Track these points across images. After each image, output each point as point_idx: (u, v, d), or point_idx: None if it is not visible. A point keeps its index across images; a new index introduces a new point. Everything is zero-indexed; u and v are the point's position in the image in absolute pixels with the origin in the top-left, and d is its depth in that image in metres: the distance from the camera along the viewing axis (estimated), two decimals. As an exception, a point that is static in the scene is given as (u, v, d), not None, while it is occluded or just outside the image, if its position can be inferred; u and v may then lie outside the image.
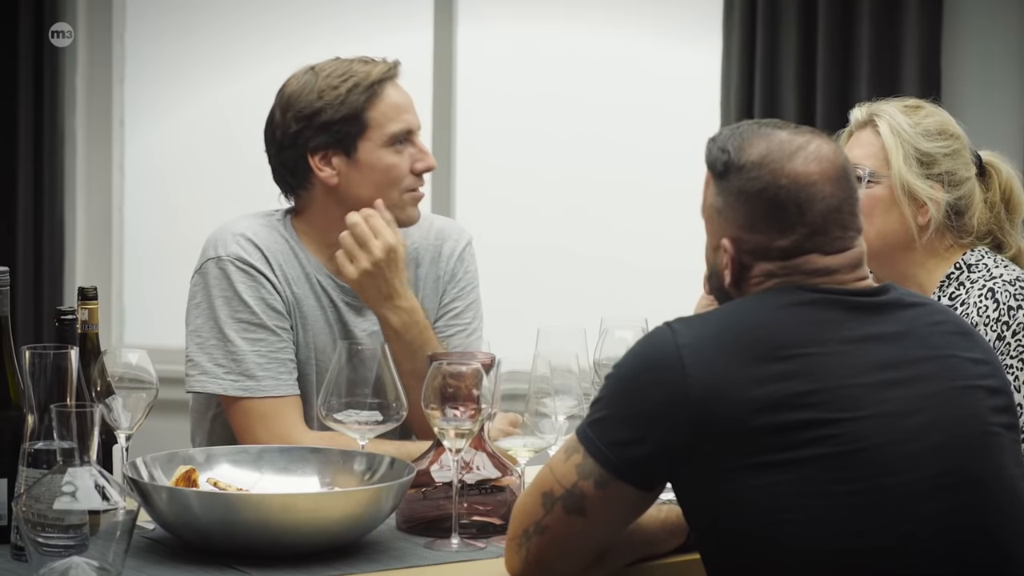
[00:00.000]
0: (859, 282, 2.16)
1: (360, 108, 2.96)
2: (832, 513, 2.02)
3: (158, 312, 5.49)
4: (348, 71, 2.97)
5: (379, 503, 2.37)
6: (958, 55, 4.72)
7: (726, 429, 2.03)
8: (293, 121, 2.96)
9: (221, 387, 2.91)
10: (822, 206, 2.13)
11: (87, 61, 5.48)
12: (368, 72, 2.97)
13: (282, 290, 2.96)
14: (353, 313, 3.03)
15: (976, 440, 2.11)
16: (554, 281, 5.27)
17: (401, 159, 2.98)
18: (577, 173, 5.26)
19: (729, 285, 2.18)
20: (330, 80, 2.96)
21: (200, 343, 2.93)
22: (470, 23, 5.28)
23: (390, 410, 2.57)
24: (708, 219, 2.21)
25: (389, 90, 2.98)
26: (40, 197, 5.37)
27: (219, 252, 2.95)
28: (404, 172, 2.99)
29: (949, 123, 2.80)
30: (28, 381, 2.18)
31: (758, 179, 2.13)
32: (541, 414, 2.49)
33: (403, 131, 2.98)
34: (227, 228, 2.99)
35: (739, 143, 2.16)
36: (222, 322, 2.91)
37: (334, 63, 3.00)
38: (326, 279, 3.01)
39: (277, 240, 2.99)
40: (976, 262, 2.76)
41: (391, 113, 2.97)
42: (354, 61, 3.00)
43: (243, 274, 2.93)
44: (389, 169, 2.97)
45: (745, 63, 4.77)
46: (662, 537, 2.29)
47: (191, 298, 2.97)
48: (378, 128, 2.97)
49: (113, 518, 2.01)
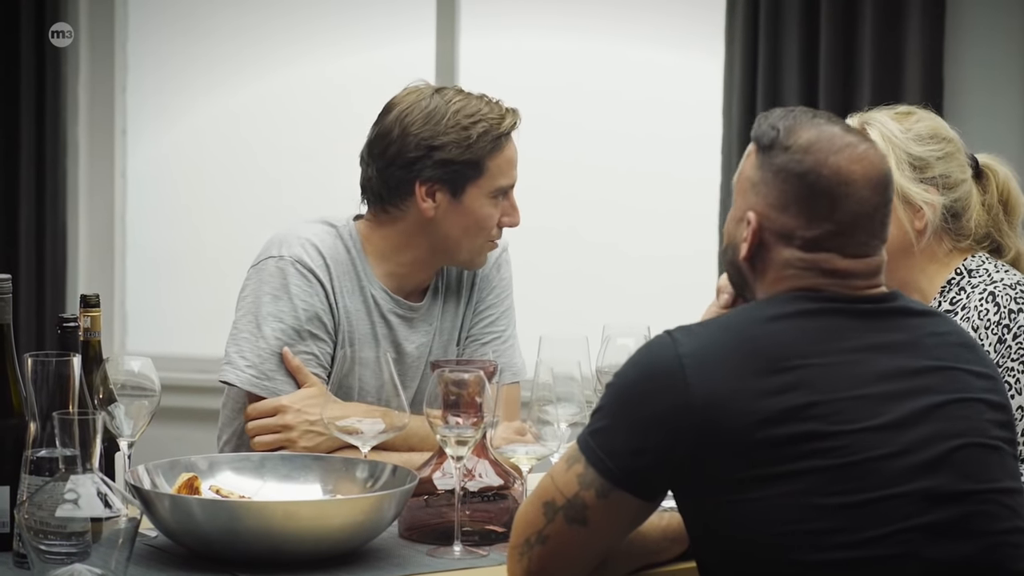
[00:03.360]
0: (870, 290, 2.16)
1: (483, 156, 2.98)
2: (833, 524, 2.02)
3: (161, 320, 5.50)
4: (478, 114, 2.99)
5: (381, 511, 2.37)
6: (960, 61, 4.71)
7: (728, 440, 2.02)
8: (414, 146, 2.96)
9: (239, 379, 2.92)
10: (855, 207, 2.13)
11: (89, 70, 5.49)
12: (499, 121, 3.00)
13: (334, 300, 2.97)
14: (405, 325, 3.04)
15: (975, 453, 2.10)
16: (557, 290, 5.27)
17: (495, 211, 3.02)
18: (581, 180, 5.25)
19: (744, 258, 2.17)
20: (459, 118, 2.98)
21: (235, 335, 2.95)
22: (473, 30, 5.28)
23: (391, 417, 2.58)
24: (740, 191, 2.20)
25: (511, 143, 3.03)
26: (42, 205, 5.37)
27: (282, 252, 2.97)
28: (494, 223, 3.03)
29: (941, 127, 2.79)
30: (30, 388, 2.18)
31: (802, 162, 2.13)
32: (543, 421, 2.49)
33: (509, 186, 3.03)
34: (293, 230, 3.01)
35: (791, 124, 2.16)
36: (262, 317, 2.92)
37: (463, 98, 3.01)
38: (380, 292, 3.02)
39: (340, 250, 3.00)
40: (977, 267, 2.76)
41: (505, 168, 3.01)
42: (480, 100, 3.02)
43: (300, 276, 2.94)
44: (485, 219, 3.01)
45: (747, 70, 4.77)
46: (664, 545, 2.29)
47: (241, 290, 2.99)
48: (490, 179, 3.00)
49: (115, 525, 2.01)
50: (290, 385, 2.91)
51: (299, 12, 5.44)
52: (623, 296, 5.17)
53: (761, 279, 2.18)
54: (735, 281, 2.24)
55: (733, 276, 2.24)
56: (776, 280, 2.16)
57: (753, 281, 2.19)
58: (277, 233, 3.02)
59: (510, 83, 5.27)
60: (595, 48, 5.22)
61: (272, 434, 2.85)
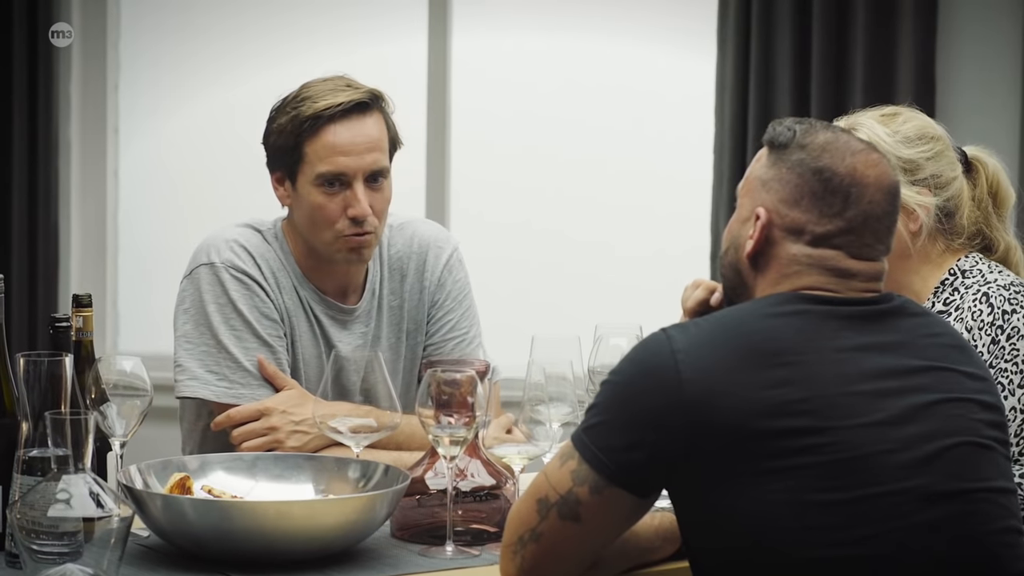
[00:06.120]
0: (867, 292, 2.17)
1: (301, 141, 2.91)
2: (825, 521, 2.02)
3: (153, 319, 5.49)
4: (311, 98, 2.91)
5: (373, 510, 2.37)
6: (952, 60, 4.72)
7: (722, 435, 2.03)
8: (265, 134, 2.98)
9: (213, 393, 2.90)
10: (867, 208, 2.15)
11: (82, 68, 5.48)
12: (312, 104, 2.90)
13: (275, 298, 2.95)
14: (336, 327, 3.02)
15: (968, 451, 2.11)
16: (549, 289, 5.27)
17: (327, 200, 2.91)
18: (573, 183, 5.26)
19: (748, 254, 2.18)
20: (295, 102, 2.92)
21: (191, 349, 2.92)
22: (465, 30, 5.28)
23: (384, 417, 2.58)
24: (747, 191, 2.21)
25: (337, 127, 2.90)
26: (35, 204, 5.37)
27: (212, 258, 2.94)
28: (334, 215, 2.91)
29: (928, 126, 2.78)
30: (22, 388, 2.18)
31: (819, 158, 2.16)
32: (536, 421, 2.49)
33: (334, 173, 2.91)
34: (220, 235, 2.98)
35: (807, 128, 2.20)
36: (215, 328, 2.90)
37: (321, 83, 2.95)
38: (310, 292, 3.00)
39: (268, 248, 2.98)
40: (970, 268, 2.76)
41: (324, 153, 2.90)
42: (328, 83, 2.93)
43: (237, 282, 2.92)
44: (316, 209, 2.92)
45: (740, 69, 4.77)
46: (656, 544, 2.29)
47: (180, 303, 2.96)
48: (310, 165, 2.91)
49: (107, 525, 2.01)
50: (264, 387, 2.90)
51: (291, 11, 5.44)
52: (615, 295, 5.17)
53: (763, 277, 2.18)
54: (731, 285, 2.24)
55: (730, 279, 2.24)
56: (779, 278, 2.16)
57: (753, 281, 2.20)
58: (204, 239, 2.98)
59: (502, 81, 5.29)
60: (587, 47, 5.22)
61: (259, 438, 2.85)
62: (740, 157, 4.75)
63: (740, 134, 4.78)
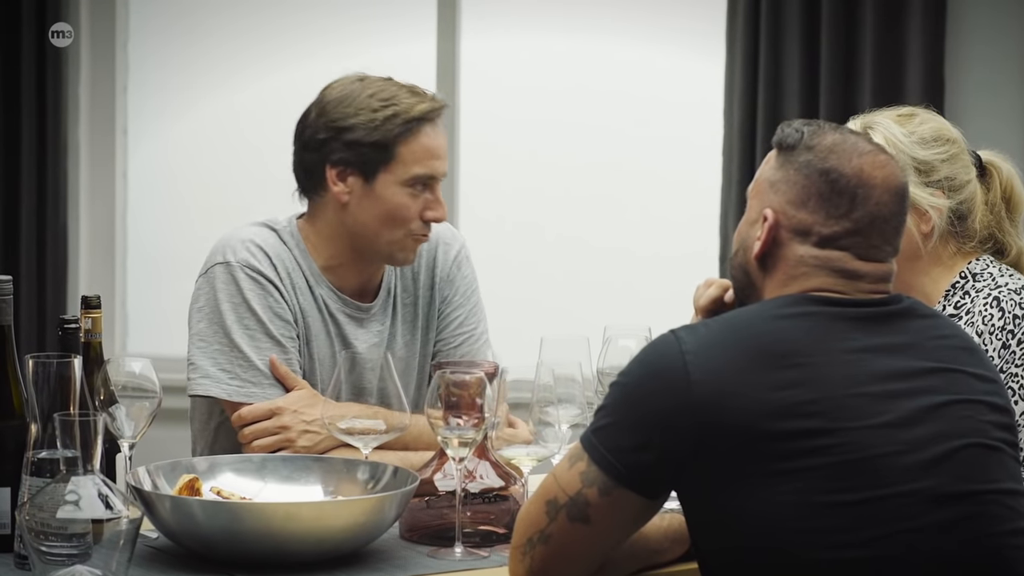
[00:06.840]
0: (876, 294, 2.16)
1: (393, 140, 2.93)
2: (834, 522, 2.02)
3: (162, 321, 5.50)
4: (392, 98, 2.94)
5: (382, 512, 2.37)
6: (961, 61, 4.72)
7: (731, 436, 2.03)
8: (323, 128, 2.95)
9: (225, 392, 2.90)
10: (874, 209, 2.15)
11: (90, 70, 5.49)
12: (411, 106, 2.93)
13: (289, 299, 2.96)
14: (353, 325, 3.02)
15: (977, 453, 2.10)
16: (557, 291, 5.27)
17: (411, 202, 2.95)
18: (581, 185, 5.26)
19: (756, 255, 2.19)
20: (371, 101, 2.93)
21: (204, 347, 2.92)
22: (473, 33, 5.28)
23: (392, 418, 2.58)
24: (756, 193, 2.22)
25: (429, 132, 2.95)
26: (43, 206, 5.37)
27: (228, 257, 2.94)
28: (413, 215, 2.95)
29: (945, 128, 2.78)
30: (31, 390, 2.18)
31: (826, 159, 2.16)
32: (545, 423, 2.49)
33: (426, 176, 2.95)
34: (236, 234, 2.98)
35: (815, 129, 2.20)
36: (228, 327, 2.91)
37: (383, 83, 2.97)
38: (326, 291, 3.00)
39: (284, 248, 2.99)
40: (981, 271, 2.75)
41: (420, 155, 2.94)
42: (401, 88, 2.96)
43: (252, 281, 2.92)
44: (399, 208, 2.94)
45: (748, 71, 4.77)
46: (665, 546, 2.29)
47: (194, 301, 2.96)
48: (402, 165, 2.94)
49: (116, 527, 2.01)
50: (276, 386, 2.90)
51: (300, 12, 5.44)
52: (624, 297, 5.17)
53: (771, 278, 2.18)
54: (740, 286, 2.25)
55: (739, 280, 2.24)
56: (786, 280, 2.16)
57: (761, 282, 2.20)
58: (220, 238, 2.98)
59: (511, 84, 5.30)
60: (596, 49, 5.22)
61: (270, 436, 2.85)
62: (749, 160, 4.75)
63: (749, 137, 4.78)
